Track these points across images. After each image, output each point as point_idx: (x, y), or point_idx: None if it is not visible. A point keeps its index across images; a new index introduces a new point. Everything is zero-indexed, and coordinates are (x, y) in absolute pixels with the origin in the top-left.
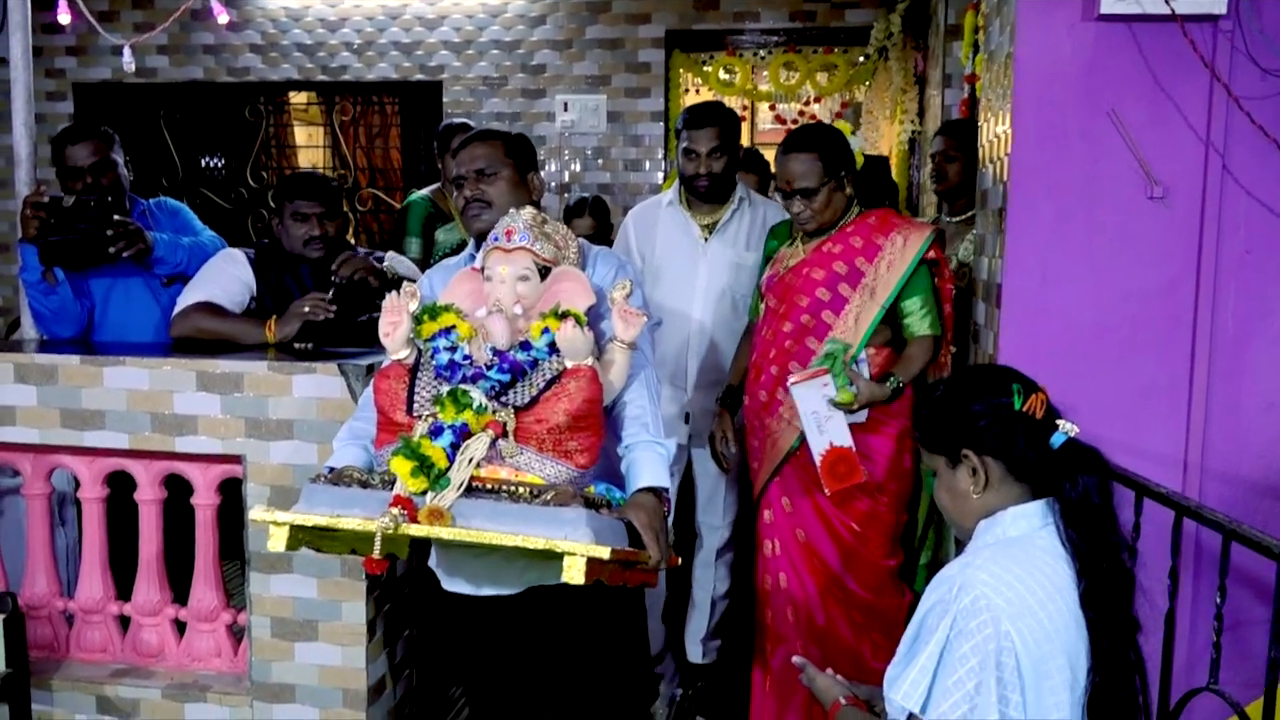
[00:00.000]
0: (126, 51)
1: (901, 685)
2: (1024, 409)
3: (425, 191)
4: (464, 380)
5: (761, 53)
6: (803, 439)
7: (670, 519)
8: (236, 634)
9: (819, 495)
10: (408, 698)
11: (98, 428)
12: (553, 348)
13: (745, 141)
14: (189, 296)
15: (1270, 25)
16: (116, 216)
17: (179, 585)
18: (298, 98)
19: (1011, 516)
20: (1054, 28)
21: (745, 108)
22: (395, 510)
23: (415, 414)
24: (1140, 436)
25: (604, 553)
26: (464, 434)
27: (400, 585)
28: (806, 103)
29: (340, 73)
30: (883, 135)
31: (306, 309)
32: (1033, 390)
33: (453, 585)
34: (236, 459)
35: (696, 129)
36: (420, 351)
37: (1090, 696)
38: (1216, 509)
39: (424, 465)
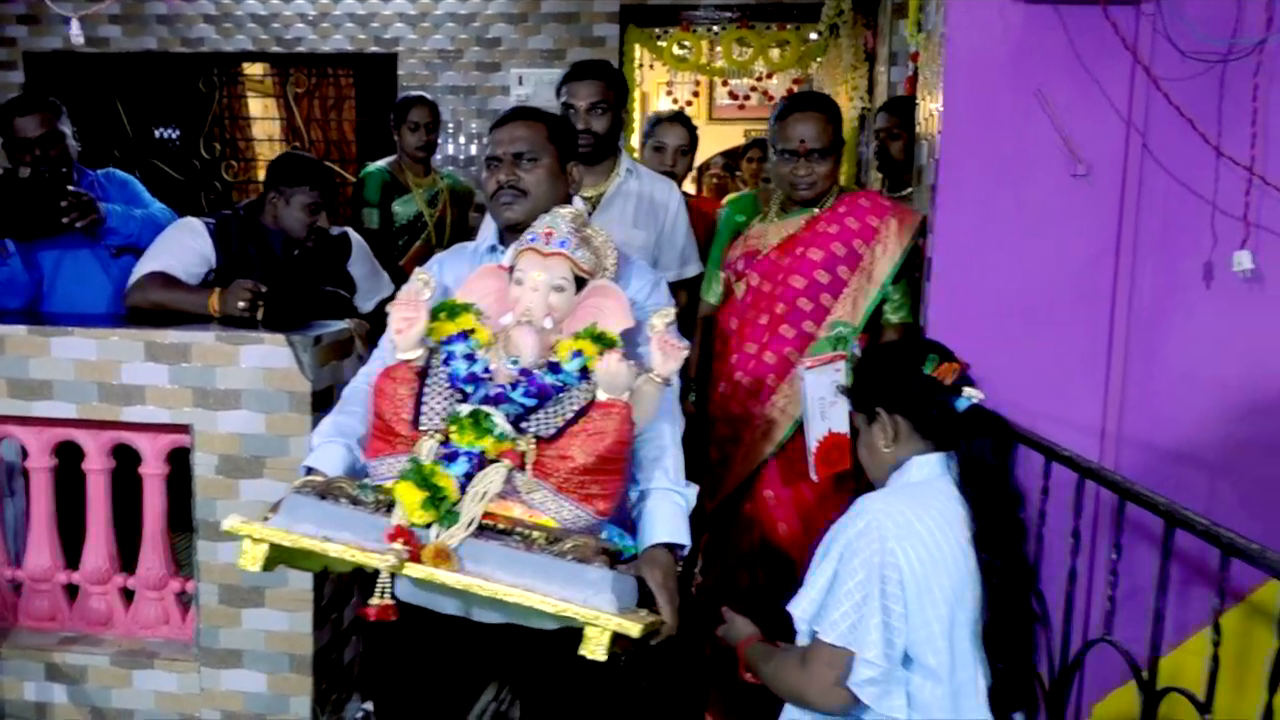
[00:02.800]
0: (74, 23)
1: (800, 602)
2: (933, 374)
3: (382, 163)
4: (485, 399)
5: (715, 28)
6: (797, 428)
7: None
8: (185, 602)
9: (804, 486)
10: (355, 662)
11: (45, 398)
12: (584, 373)
13: (702, 118)
14: (143, 267)
15: (1190, 8)
16: (70, 188)
17: (128, 554)
18: (252, 69)
19: (915, 464)
20: (983, 9)
21: (698, 83)
22: (397, 545)
23: (421, 428)
24: (1062, 406)
25: (634, 629)
26: (480, 463)
27: None
28: (759, 79)
29: (295, 44)
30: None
31: (240, 304)
32: (947, 360)
33: (410, 595)
34: (184, 429)
35: (577, 81)
36: (431, 353)
37: (988, 635)
38: (1130, 476)
39: (435, 497)
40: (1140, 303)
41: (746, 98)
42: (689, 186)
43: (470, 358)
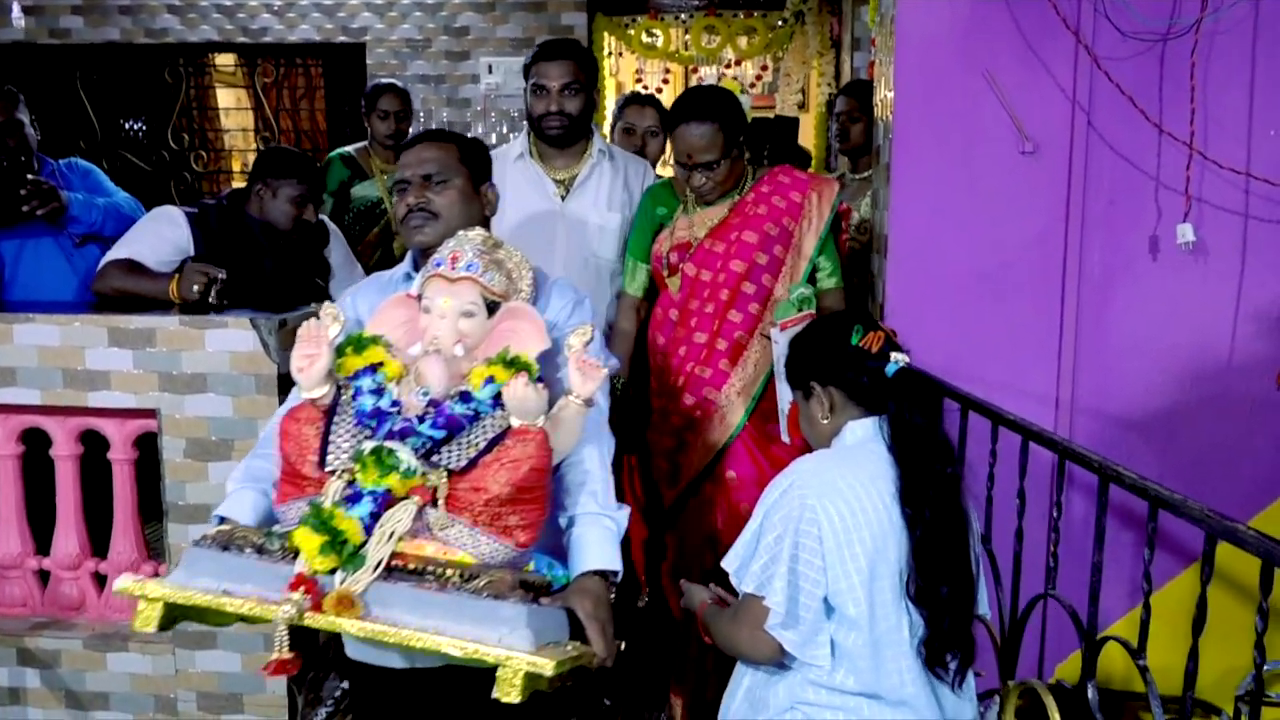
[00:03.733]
0: (15, 7)
1: (729, 557)
2: (860, 344)
3: (348, 149)
4: (390, 434)
5: (683, 15)
6: (754, 405)
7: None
8: None
9: (766, 466)
10: (329, 644)
11: (8, 384)
12: (497, 400)
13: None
14: (113, 254)
15: None
16: (30, 176)
17: (99, 540)
18: (219, 59)
19: (850, 429)
20: None
21: (668, 71)
22: (297, 595)
23: (328, 469)
24: (1018, 377)
25: (547, 667)
26: (386, 502)
27: None
28: (727, 65)
29: (261, 34)
30: (798, 98)
31: (195, 288)
32: (872, 329)
33: (358, 652)
34: (151, 413)
35: (548, 61)
36: (339, 390)
37: (920, 591)
38: (1085, 443)
39: (336, 541)
40: (1090, 275)
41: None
42: (662, 170)
43: (378, 392)
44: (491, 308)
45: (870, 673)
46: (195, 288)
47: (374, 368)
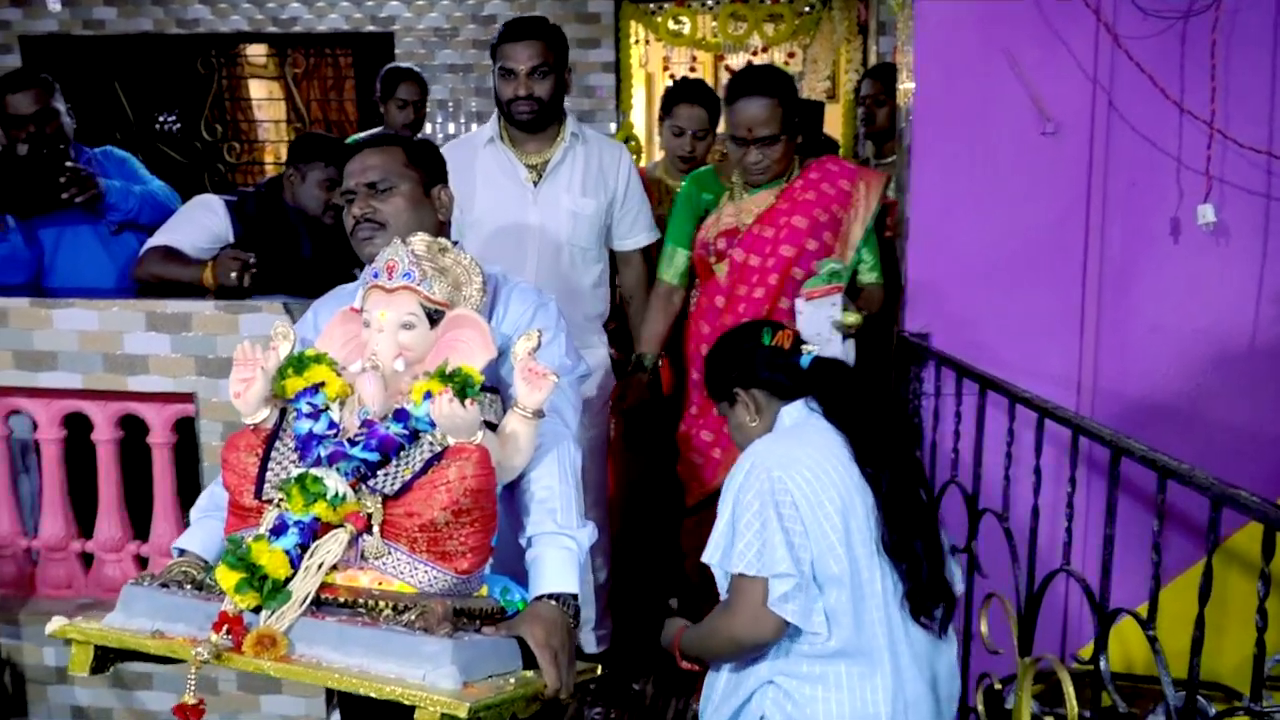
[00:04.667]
0: None
1: (709, 550)
2: (773, 343)
3: (362, 136)
4: (318, 461)
5: (710, 3)
6: None
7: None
8: None
9: None
10: None
11: (50, 368)
12: None
13: None
14: (152, 241)
15: None
16: (68, 164)
17: (139, 523)
18: (250, 50)
19: (783, 414)
20: None
21: (694, 59)
22: (216, 637)
23: (265, 498)
24: (1038, 359)
25: (461, 710)
26: (315, 532)
27: None
28: (755, 53)
29: (291, 24)
30: (826, 85)
31: (232, 275)
32: (780, 329)
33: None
34: (188, 397)
35: (514, 42)
36: (284, 413)
37: (895, 545)
38: (1105, 423)
39: (254, 577)
40: (1111, 256)
41: None
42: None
43: (314, 415)
44: (435, 317)
45: (851, 629)
46: (231, 274)
47: (315, 388)
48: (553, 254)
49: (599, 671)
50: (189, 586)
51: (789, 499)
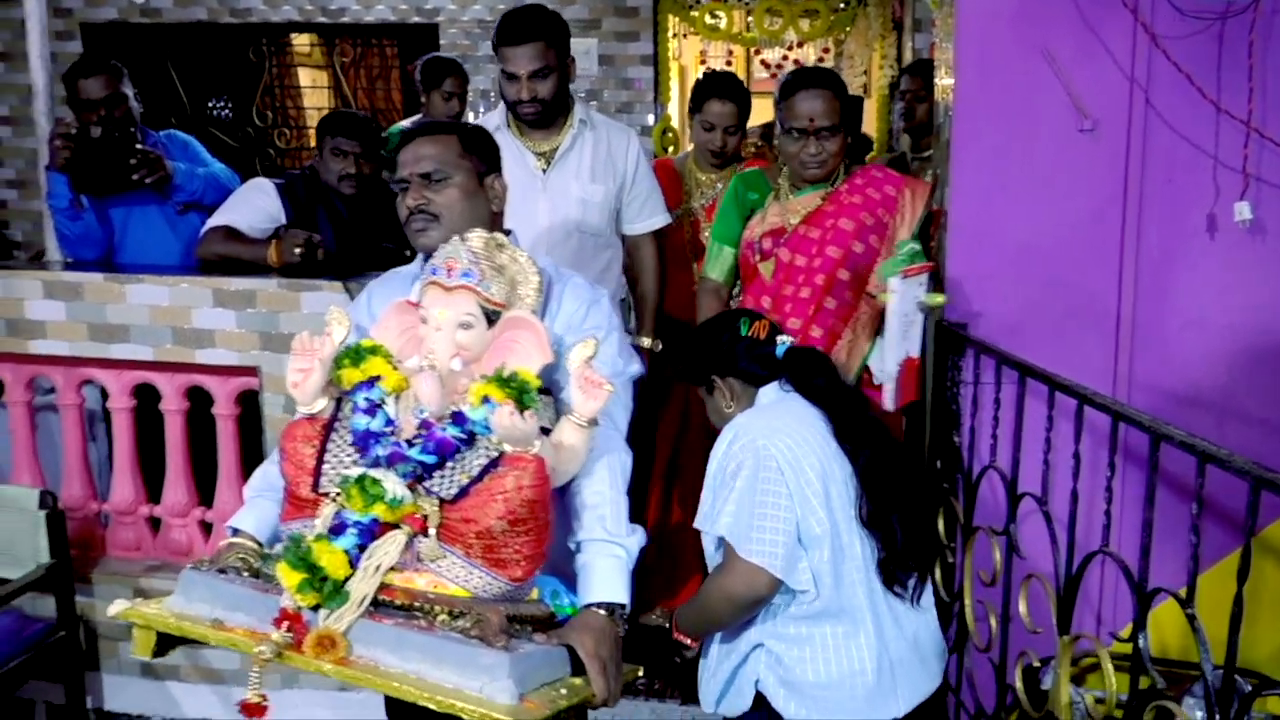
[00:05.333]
0: None
1: (699, 517)
2: (749, 334)
3: (406, 123)
4: (378, 460)
5: None
6: None
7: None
8: None
9: None
10: None
11: (123, 340)
12: None
13: None
14: (213, 222)
15: None
16: (139, 146)
17: (206, 490)
18: (299, 39)
19: (761, 394)
20: None
21: (731, 53)
22: (278, 634)
23: (322, 491)
24: (1075, 352)
25: None
26: (374, 532)
27: None
28: (790, 48)
29: (339, 15)
30: (862, 80)
31: (297, 251)
32: (757, 319)
33: None
34: (253, 370)
35: (513, 45)
36: (340, 403)
37: (871, 516)
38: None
39: (315, 578)
40: (1147, 253)
41: (779, 66)
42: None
43: (371, 410)
44: (493, 317)
45: (832, 588)
46: (296, 250)
47: (372, 381)
48: (562, 240)
49: (640, 674)
50: (246, 574)
51: (775, 464)
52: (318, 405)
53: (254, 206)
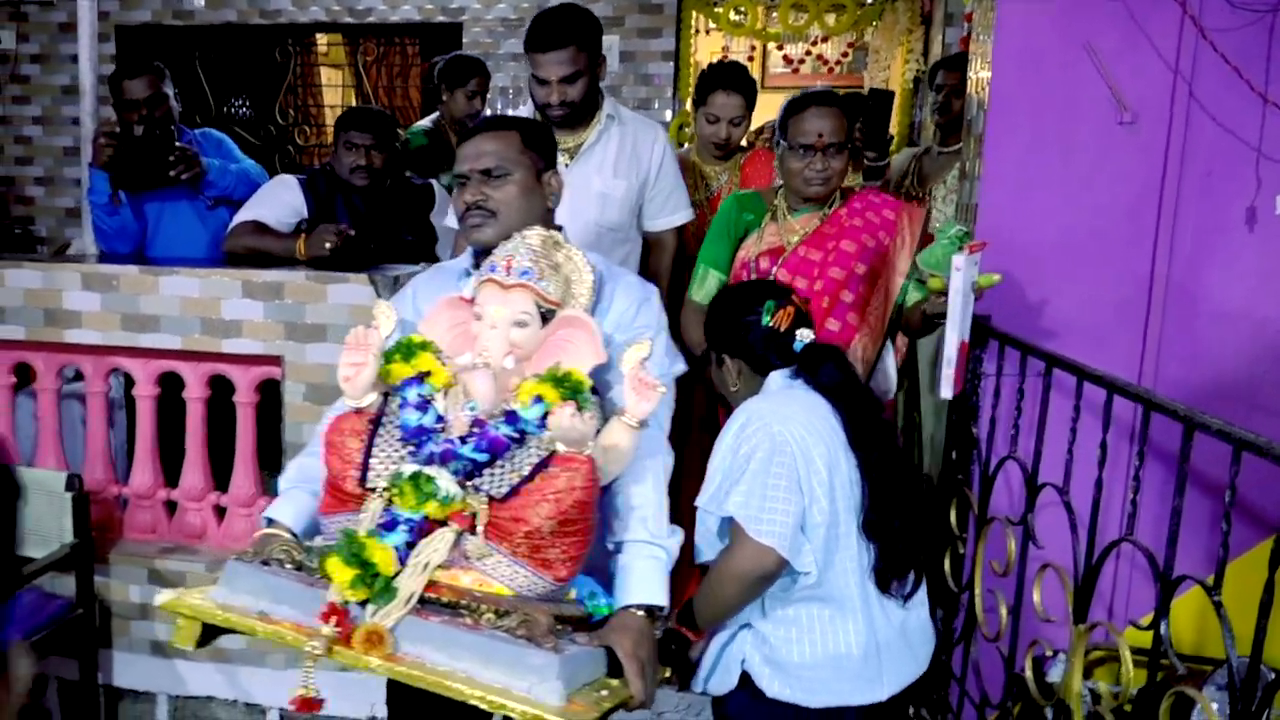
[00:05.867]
0: None
1: (703, 495)
2: (771, 324)
3: (426, 123)
4: (431, 457)
5: None
6: None
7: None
8: None
9: None
10: None
11: (153, 330)
12: (544, 420)
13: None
14: (241, 217)
15: None
16: (177, 144)
17: (220, 476)
18: (324, 39)
19: (769, 379)
20: None
21: (754, 48)
22: (326, 629)
23: (369, 485)
24: (1104, 344)
25: None
26: (423, 529)
27: None
28: (814, 43)
29: (365, 15)
30: (893, 75)
31: (327, 244)
32: (784, 305)
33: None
34: (276, 360)
35: (543, 52)
36: (386, 398)
37: (872, 525)
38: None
39: (367, 574)
40: (1182, 244)
41: (801, 61)
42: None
43: (422, 406)
44: (546, 315)
45: (825, 575)
46: (326, 244)
47: (421, 377)
48: (579, 231)
49: (669, 674)
50: (288, 566)
51: (789, 449)
52: (366, 400)
53: (280, 201)
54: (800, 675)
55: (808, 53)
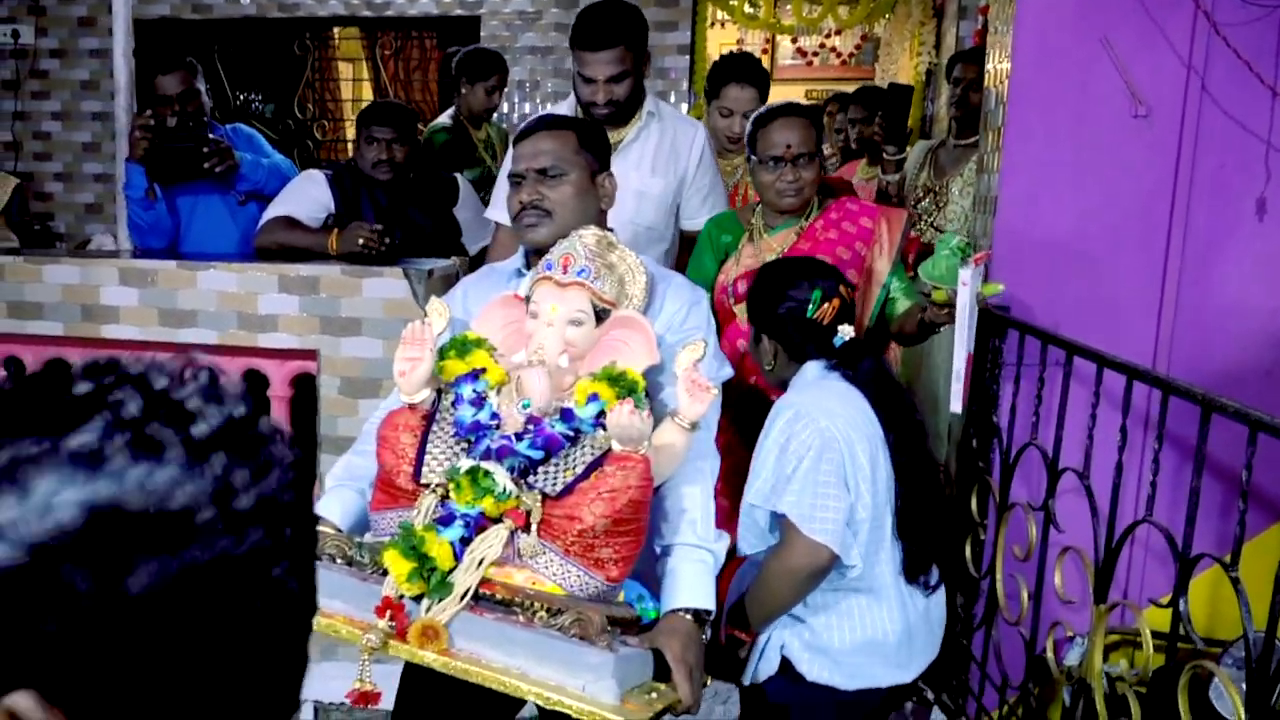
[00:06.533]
0: None
1: (751, 493)
2: (815, 316)
3: (445, 119)
4: (488, 453)
5: None
6: None
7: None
8: None
9: None
10: None
11: (191, 325)
12: (599, 419)
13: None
14: (271, 212)
15: None
16: (211, 136)
17: None
18: (342, 32)
19: (806, 368)
20: None
21: (768, 40)
22: (382, 623)
23: (423, 481)
24: (1118, 335)
25: None
26: (479, 525)
27: None
28: (828, 35)
29: (384, 8)
30: (900, 68)
31: (360, 242)
32: (831, 297)
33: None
34: (311, 354)
35: (592, 51)
36: (440, 394)
37: (903, 527)
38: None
39: (424, 567)
40: (1195, 236)
41: (815, 53)
42: None
43: (478, 402)
44: (601, 314)
45: (868, 567)
46: (359, 241)
47: (476, 374)
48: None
49: (708, 681)
50: (340, 561)
51: (837, 445)
52: (420, 395)
53: (309, 196)
54: (840, 660)
55: (821, 45)
